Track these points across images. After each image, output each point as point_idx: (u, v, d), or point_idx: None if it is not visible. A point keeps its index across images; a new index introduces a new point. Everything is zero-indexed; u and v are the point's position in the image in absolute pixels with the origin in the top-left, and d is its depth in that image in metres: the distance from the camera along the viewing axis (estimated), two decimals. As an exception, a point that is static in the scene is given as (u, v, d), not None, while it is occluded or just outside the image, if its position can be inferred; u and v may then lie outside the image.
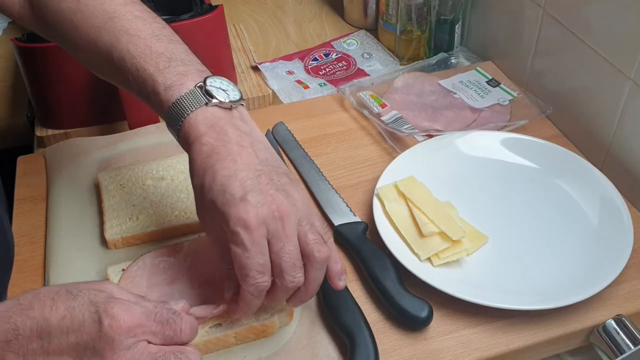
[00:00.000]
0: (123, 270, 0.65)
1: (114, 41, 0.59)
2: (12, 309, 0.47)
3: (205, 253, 0.66)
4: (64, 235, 0.73)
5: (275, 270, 0.53)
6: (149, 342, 0.48)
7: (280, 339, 0.61)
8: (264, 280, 0.52)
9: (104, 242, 0.71)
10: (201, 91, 0.56)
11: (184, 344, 0.50)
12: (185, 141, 0.56)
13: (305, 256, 0.54)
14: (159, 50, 0.58)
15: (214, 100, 0.55)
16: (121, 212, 0.73)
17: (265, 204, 0.52)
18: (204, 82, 0.56)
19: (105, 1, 0.61)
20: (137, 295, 0.52)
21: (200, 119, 0.55)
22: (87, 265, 0.69)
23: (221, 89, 0.57)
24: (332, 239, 0.56)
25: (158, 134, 0.85)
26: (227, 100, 0.56)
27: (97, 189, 0.77)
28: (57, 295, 0.47)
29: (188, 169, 0.76)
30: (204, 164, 0.54)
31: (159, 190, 0.76)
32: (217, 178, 0.52)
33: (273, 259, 0.53)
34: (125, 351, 0.46)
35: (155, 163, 0.79)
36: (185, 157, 0.56)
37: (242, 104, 0.58)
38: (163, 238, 0.72)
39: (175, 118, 0.56)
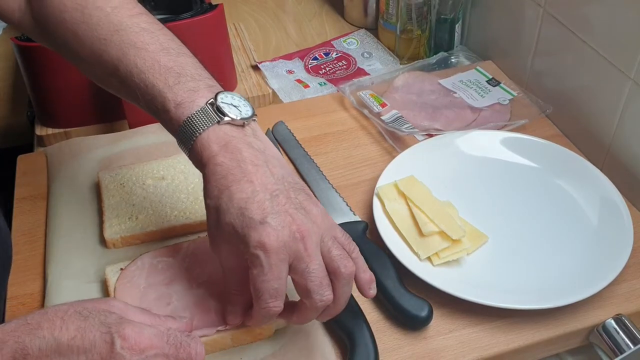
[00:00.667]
0: (121, 269, 0.65)
1: (120, 55, 0.58)
2: (20, 328, 0.46)
3: (204, 254, 0.66)
4: (63, 234, 0.72)
5: (302, 291, 0.53)
6: None
7: (277, 341, 0.61)
8: (275, 305, 0.52)
9: (103, 241, 0.71)
10: (212, 108, 0.54)
11: None
12: (198, 160, 0.55)
13: (332, 272, 0.53)
14: (167, 65, 0.57)
15: (226, 118, 0.54)
16: (121, 212, 0.73)
17: (285, 225, 0.51)
18: (215, 98, 0.55)
19: (110, 12, 0.59)
20: (145, 311, 0.52)
21: (213, 137, 0.54)
22: (86, 264, 0.69)
23: (232, 105, 0.55)
24: (357, 249, 0.56)
25: (159, 133, 0.85)
26: (239, 117, 0.55)
27: (97, 188, 0.77)
28: (67, 315, 0.47)
29: (188, 169, 0.77)
30: (219, 184, 0.52)
31: (159, 190, 0.75)
32: (235, 201, 0.51)
33: (298, 281, 0.52)
34: None
35: (155, 163, 0.79)
36: (185, 156, 0.56)
37: (255, 120, 0.57)
38: (162, 238, 0.71)
39: (186, 136, 0.55)
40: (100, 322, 0.47)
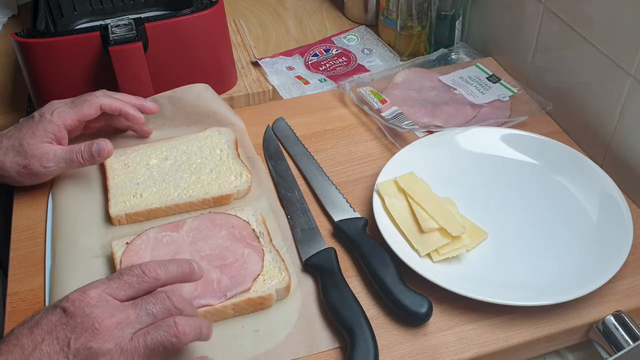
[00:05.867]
0: (127, 243, 0.67)
1: None
2: None
3: (206, 229, 0.69)
4: (70, 212, 0.74)
5: None
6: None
7: (277, 334, 0.62)
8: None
9: (108, 218, 0.73)
10: None
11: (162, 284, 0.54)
12: None
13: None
14: None
15: None
16: (125, 190, 0.75)
17: None
18: None
19: None
20: None
21: None
22: (92, 240, 0.71)
23: None
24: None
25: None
26: None
27: (102, 169, 0.79)
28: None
29: (191, 150, 0.79)
30: None
31: (162, 170, 0.78)
32: None
33: None
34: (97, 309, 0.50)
35: (159, 144, 0.81)
36: (188, 138, 0.55)
37: None
38: (165, 215, 0.74)
39: None
40: (46, 309, 0.51)
